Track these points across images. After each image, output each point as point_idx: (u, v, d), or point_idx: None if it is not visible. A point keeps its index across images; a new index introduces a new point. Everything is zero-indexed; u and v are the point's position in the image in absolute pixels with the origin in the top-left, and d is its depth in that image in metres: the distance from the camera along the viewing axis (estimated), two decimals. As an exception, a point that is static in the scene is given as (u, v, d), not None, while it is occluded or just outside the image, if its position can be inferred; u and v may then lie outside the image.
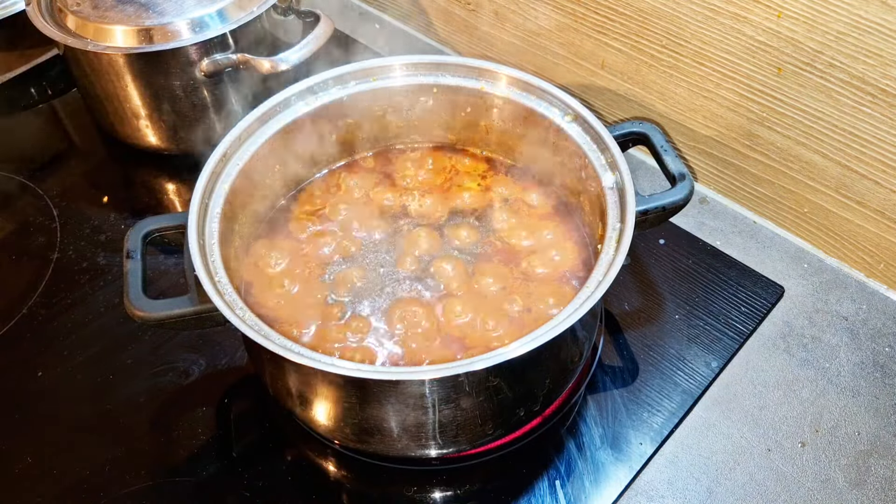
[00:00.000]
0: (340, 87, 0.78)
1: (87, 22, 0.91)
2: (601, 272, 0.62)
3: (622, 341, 0.82)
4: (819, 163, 0.82)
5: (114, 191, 1.01)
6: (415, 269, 0.74)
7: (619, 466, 0.72)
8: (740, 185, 0.92)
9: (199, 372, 0.80)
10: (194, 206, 0.66)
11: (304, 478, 0.73)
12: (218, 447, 0.75)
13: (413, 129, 0.84)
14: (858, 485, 0.71)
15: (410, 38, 1.20)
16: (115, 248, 0.93)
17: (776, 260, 0.88)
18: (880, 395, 0.76)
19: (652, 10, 0.85)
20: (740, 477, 0.72)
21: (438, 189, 0.82)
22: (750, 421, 0.75)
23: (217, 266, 0.64)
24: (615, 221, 0.66)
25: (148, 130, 1.00)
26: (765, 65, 0.79)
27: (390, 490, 0.72)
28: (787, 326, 0.82)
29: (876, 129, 0.75)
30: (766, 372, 0.79)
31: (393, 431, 0.66)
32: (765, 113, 0.83)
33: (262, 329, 0.59)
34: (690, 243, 0.90)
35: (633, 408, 0.76)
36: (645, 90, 0.93)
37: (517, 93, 0.77)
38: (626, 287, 0.86)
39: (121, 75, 0.92)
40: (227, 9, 0.93)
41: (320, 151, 0.82)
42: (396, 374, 0.58)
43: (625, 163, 0.68)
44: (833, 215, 0.84)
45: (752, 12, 0.76)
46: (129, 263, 0.66)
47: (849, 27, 0.70)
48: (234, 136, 0.72)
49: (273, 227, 0.79)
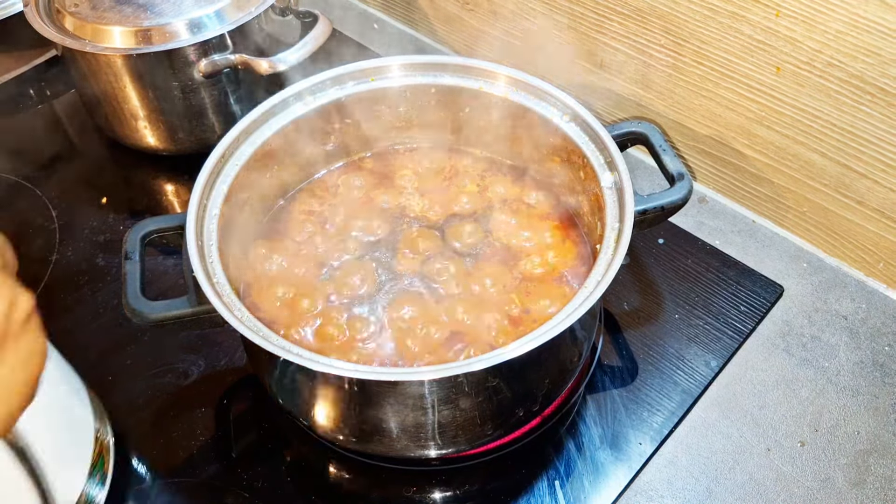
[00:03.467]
0: (339, 87, 0.78)
1: (85, 23, 0.91)
2: (600, 272, 0.62)
3: (621, 341, 0.82)
4: (818, 162, 0.81)
5: (112, 192, 1.01)
6: (413, 269, 0.74)
7: (619, 466, 0.72)
8: (739, 184, 0.92)
9: (198, 373, 0.80)
10: (193, 206, 0.66)
11: (304, 478, 0.73)
12: (217, 448, 0.75)
13: (411, 130, 0.84)
14: (858, 484, 0.71)
15: (409, 37, 1.20)
16: (113, 249, 0.93)
17: (775, 259, 0.88)
18: (880, 395, 0.76)
19: (650, 9, 0.85)
20: (740, 476, 0.72)
21: (437, 189, 0.82)
22: (749, 420, 0.75)
23: (216, 267, 0.64)
24: (614, 221, 0.66)
25: (146, 131, 0.99)
26: (763, 64, 0.79)
27: (389, 490, 0.72)
28: (787, 326, 0.82)
29: (875, 128, 0.75)
30: (766, 371, 0.79)
31: (392, 432, 0.66)
32: (763, 112, 0.83)
33: (260, 330, 0.59)
34: (689, 243, 0.90)
35: (633, 407, 0.76)
36: (643, 89, 0.93)
37: (515, 93, 0.77)
38: (625, 287, 0.86)
39: (119, 76, 0.92)
40: (226, 9, 0.93)
41: (319, 152, 0.82)
42: (395, 374, 0.58)
43: (623, 162, 0.68)
44: (832, 214, 0.84)
45: (751, 11, 0.76)
46: (127, 264, 0.65)
47: (847, 26, 0.70)
48: (233, 137, 0.72)
49: (272, 227, 0.79)
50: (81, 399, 0.69)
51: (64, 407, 0.66)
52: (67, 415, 0.66)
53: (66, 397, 0.66)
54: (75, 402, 0.68)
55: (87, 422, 0.68)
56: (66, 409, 0.66)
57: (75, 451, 0.66)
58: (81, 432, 0.67)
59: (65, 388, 0.67)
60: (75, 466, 0.66)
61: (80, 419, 0.67)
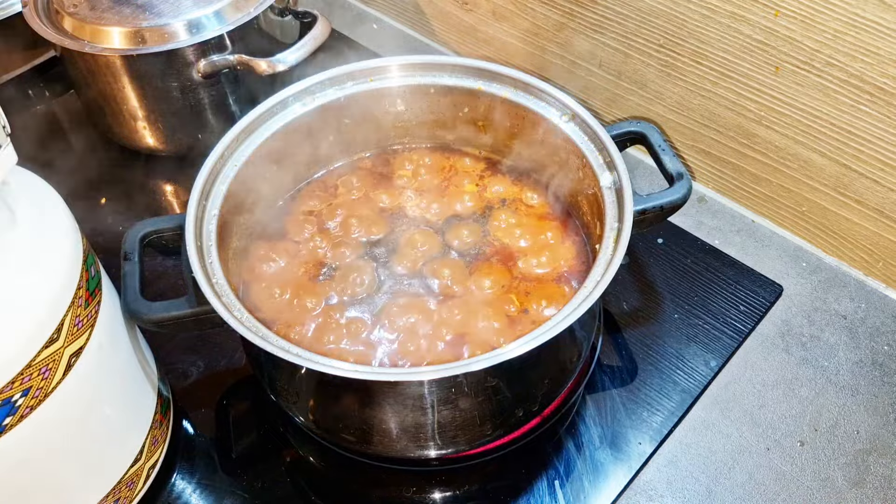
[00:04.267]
0: (338, 87, 0.78)
1: (83, 23, 0.91)
2: (599, 272, 0.62)
3: (621, 341, 0.82)
4: (817, 161, 0.82)
5: (111, 192, 1.01)
6: (413, 269, 0.74)
7: (619, 466, 0.72)
8: (739, 183, 0.92)
9: (197, 374, 0.80)
10: (192, 207, 0.66)
11: (303, 479, 0.73)
12: (217, 448, 0.75)
13: (411, 130, 0.84)
14: (857, 483, 0.71)
15: (408, 38, 1.20)
16: (112, 251, 0.92)
17: (775, 259, 0.88)
18: (879, 394, 0.76)
19: (649, 9, 0.85)
20: (739, 476, 0.72)
21: (436, 189, 0.82)
22: (749, 420, 0.75)
23: (215, 267, 0.64)
24: (613, 221, 0.66)
25: (145, 132, 0.99)
26: (762, 63, 0.79)
27: (389, 491, 0.72)
28: (786, 325, 0.82)
29: (874, 128, 0.75)
30: (765, 371, 0.79)
31: (392, 432, 0.66)
32: (763, 112, 0.83)
33: (259, 330, 0.59)
34: (689, 242, 0.90)
35: (632, 407, 0.76)
36: (642, 89, 0.93)
37: (515, 92, 0.77)
38: (624, 286, 0.86)
39: (118, 77, 0.92)
40: (224, 10, 0.93)
41: (318, 152, 0.82)
42: (395, 374, 0.58)
43: (623, 162, 0.68)
44: (831, 214, 0.84)
45: (750, 11, 0.76)
46: (126, 265, 0.66)
47: (846, 26, 0.70)
48: (232, 137, 0.72)
49: (271, 228, 0.79)
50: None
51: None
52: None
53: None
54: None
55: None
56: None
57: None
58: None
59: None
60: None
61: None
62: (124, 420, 0.64)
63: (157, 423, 0.69)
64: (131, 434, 0.66)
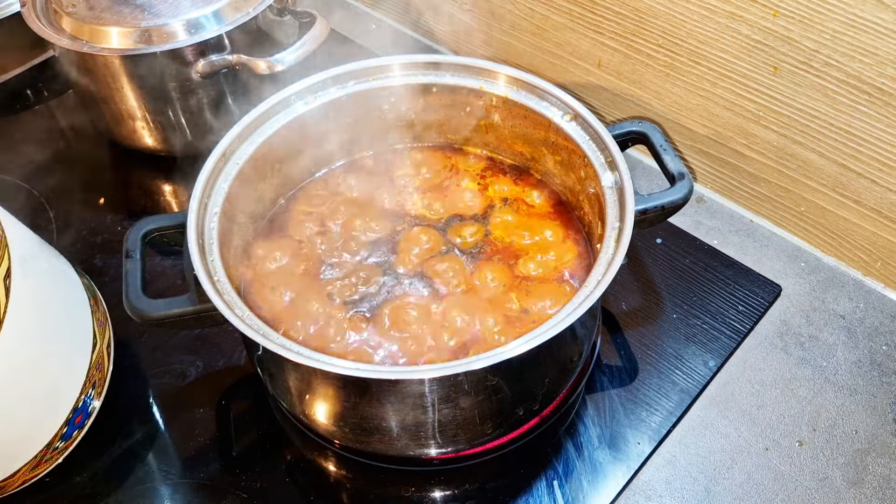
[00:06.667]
0: (340, 86, 0.78)
1: (82, 23, 0.91)
2: (600, 271, 0.62)
3: (620, 341, 0.82)
4: (816, 161, 0.82)
5: (110, 192, 1.01)
6: (414, 268, 0.74)
7: (617, 466, 0.72)
8: (737, 183, 0.92)
9: (196, 373, 0.80)
10: (193, 205, 0.66)
11: (303, 478, 0.73)
12: (217, 448, 0.75)
13: (412, 129, 0.84)
14: (856, 483, 0.71)
15: (407, 38, 1.20)
16: (111, 250, 0.93)
17: (773, 259, 0.89)
18: (877, 394, 0.76)
19: (648, 9, 0.85)
20: (738, 476, 0.72)
21: (438, 188, 0.82)
22: (747, 420, 0.75)
23: (216, 266, 0.64)
24: (614, 221, 0.66)
25: (144, 132, 0.99)
26: (761, 63, 0.79)
27: (389, 490, 0.72)
28: (785, 325, 0.82)
29: (872, 128, 0.75)
30: (764, 371, 0.79)
31: (392, 431, 0.66)
32: (761, 112, 0.83)
33: (261, 328, 0.59)
34: (688, 242, 0.91)
35: (631, 407, 0.76)
36: (641, 89, 0.93)
37: (516, 92, 0.77)
38: (624, 286, 0.87)
39: (116, 77, 0.92)
40: (223, 10, 0.92)
41: (319, 151, 0.82)
42: (396, 373, 0.58)
43: (624, 162, 0.68)
44: (830, 214, 0.85)
45: (749, 11, 0.77)
46: (128, 263, 0.65)
47: (845, 26, 0.71)
48: (234, 136, 0.72)
49: (272, 226, 0.79)
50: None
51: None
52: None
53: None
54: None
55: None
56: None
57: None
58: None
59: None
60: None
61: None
62: (68, 314, 0.72)
63: (94, 306, 0.76)
64: (77, 325, 0.73)
